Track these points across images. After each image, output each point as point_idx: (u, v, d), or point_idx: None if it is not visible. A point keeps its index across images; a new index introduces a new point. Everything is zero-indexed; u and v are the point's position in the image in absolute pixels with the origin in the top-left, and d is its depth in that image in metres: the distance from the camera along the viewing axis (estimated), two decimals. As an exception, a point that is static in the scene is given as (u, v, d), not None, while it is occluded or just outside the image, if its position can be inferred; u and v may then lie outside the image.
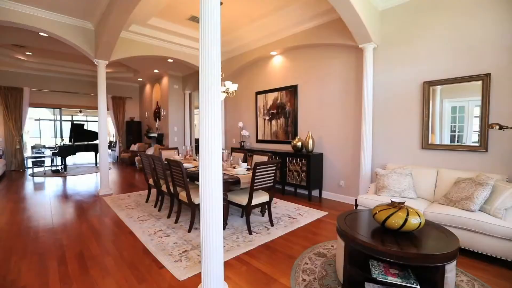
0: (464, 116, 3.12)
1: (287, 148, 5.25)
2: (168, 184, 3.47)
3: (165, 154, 4.70)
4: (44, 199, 4.64)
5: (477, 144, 3.00)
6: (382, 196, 3.06)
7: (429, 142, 3.38)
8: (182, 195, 3.19)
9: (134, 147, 9.23)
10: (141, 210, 3.88)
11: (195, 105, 8.82)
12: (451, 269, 1.68)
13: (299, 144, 4.67)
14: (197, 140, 9.31)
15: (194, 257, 2.44)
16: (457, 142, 3.17)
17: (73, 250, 2.63)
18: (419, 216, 1.77)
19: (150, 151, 7.64)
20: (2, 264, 2.35)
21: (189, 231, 3.04)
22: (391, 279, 1.63)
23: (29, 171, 7.68)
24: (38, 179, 6.52)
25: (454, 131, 3.20)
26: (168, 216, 3.54)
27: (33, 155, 8.45)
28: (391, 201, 1.90)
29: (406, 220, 1.73)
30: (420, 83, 3.42)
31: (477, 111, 3.00)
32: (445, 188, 2.95)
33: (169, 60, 6.23)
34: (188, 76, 8.30)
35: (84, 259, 2.45)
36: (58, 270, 2.25)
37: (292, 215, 3.67)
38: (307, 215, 3.70)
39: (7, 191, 5.23)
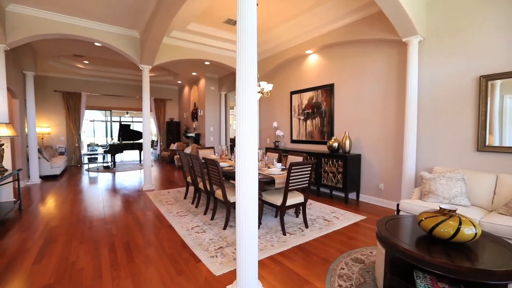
0: (532, 114, 2.72)
1: (322, 148, 5.11)
2: (205, 182, 3.61)
3: (202, 153, 4.90)
4: (97, 192, 5.16)
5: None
6: (429, 202, 2.81)
7: (486, 143, 3.01)
8: (218, 193, 3.30)
9: (173, 146, 9.78)
10: (180, 206, 4.10)
11: (231, 106, 9.04)
12: (514, 288, 1.48)
13: (335, 144, 4.52)
14: (232, 140, 9.54)
15: (229, 254, 2.51)
16: (522, 144, 2.78)
17: (121, 239, 2.88)
18: (474, 226, 1.59)
19: (188, 150, 8.03)
20: (65, 247, 2.68)
21: (224, 228, 3.13)
22: (439, 293, 1.50)
23: (85, 166, 8.62)
24: (92, 174, 7.27)
25: (519, 132, 2.81)
26: (205, 213, 3.68)
27: (88, 153, 9.47)
28: (440, 207, 1.74)
29: (458, 229, 1.57)
30: (475, 77, 3.07)
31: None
32: (506, 196, 2.60)
33: (206, 63, 6.48)
34: (224, 78, 8.54)
35: (130, 248, 2.67)
36: (108, 257, 2.49)
37: (328, 218, 3.56)
38: (343, 218, 3.56)
39: (68, 184, 5.93)
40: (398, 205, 3.00)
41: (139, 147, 8.92)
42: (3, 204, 3.77)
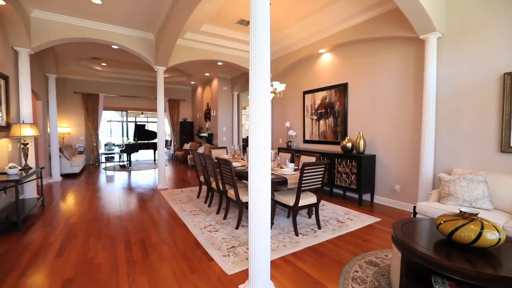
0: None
1: (335, 149, 5.04)
2: (217, 182, 3.64)
3: (215, 153, 4.95)
4: (114, 190, 5.32)
5: None
6: (448, 205, 2.71)
7: (511, 144, 2.87)
8: (231, 193, 3.32)
9: (186, 146, 9.94)
10: (193, 205, 4.16)
11: (243, 106, 9.07)
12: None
13: (349, 145, 4.44)
14: (244, 140, 9.58)
15: (241, 253, 2.52)
16: (551, 144, 2.62)
17: (136, 237, 2.96)
18: (498, 231, 1.51)
19: (201, 150, 8.14)
20: (84, 243, 2.78)
21: (237, 228, 3.15)
22: (459, 300, 1.44)
23: (103, 165, 8.92)
24: (109, 172, 7.51)
25: (547, 132, 2.65)
26: (217, 212, 3.72)
27: (105, 152, 9.78)
28: (460, 211, 1.67)
29: (480, 234, 1.50)
30: (499, 75, 2.93)
31: None
32: (532, 199, 2.47)
33: (219, 63, 6.54)
34: (236, 78, 8.59)
35: (145, 245, 2.74)
36: (125, 253, 2.56)
37: (341, 219, 3.51)
38: (357, 220, 3.49)
39: (87, 182, 6.15)
40: (414, 207, 2.91)
41: (154, 146, 9.12)
42: (28, 200, 3.97)
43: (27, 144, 3.95)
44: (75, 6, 4.07)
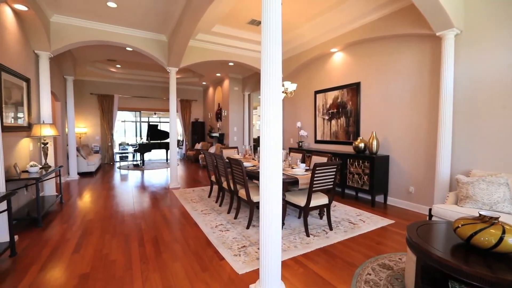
0: None
1: (347, 149, 4.97)
2: (228, 181, 3.67)
3: (226, 153, 4.99)
4: (128, 188, 5.45)
5: None
6: (466, 208, 2.62)
7: (535, 145, 2.73)
8: (242, 193, 3.33)
9: (198, 146, 10.06)
10: (204, 204, 4.20)
11: (254, 106, 9.09)
12: None
13: (362, 145, 4.36)
14: (255, 140, 9.59)
15: (252, 253, 2.53)
16: None
17: (149, 234, 3.02)
18: (520, 235, 1.45)
19: (212, 150, 8.21)
20: (100, 240, 2.87)
21: (248, 227, 3.16)
22: (478, 306, 1.39)
23: (117, 164, 9.16)
24: (123, 171, 7.71)
25: None
26: (228, 212, 3.74)
27: (119, 151, 10.04)
28: (480, 214, 1.61)
29: (501, 239, 1.44)
30: (522, 72, 2.80)
31: None
32: (558, 203, 2.34)
33: (230, 64, 6.58)
34: (247, 78, 8.61)
35: (158, 243, 2.79)
36: (138, 250, 2.62)
37: (353, 220, 3.45)
38: (370, 221, 3.42)
39: (102, 180, 6.34)
40: (430, 210, 2.83)
41: (166, 146, 9.28)
42: (47, 197, 4.13)
43: (47, 143, 4.11)
44: (92, 10, 4.20)
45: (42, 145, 4.06)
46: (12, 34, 3.47)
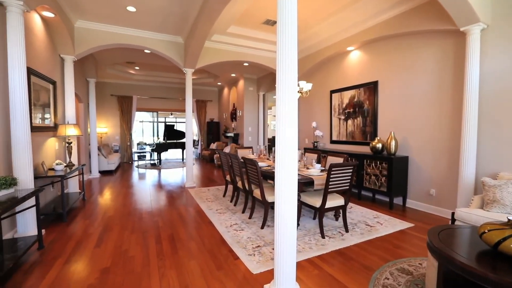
0: None
1: (364, 149, 4.85)
2: (243, 181, 3.69)
3: (241, 152, 5.01)
4: (145, 187, 5.62)
5: None
6: (493, 212, 2.48)
7: None
8: (256, 193, 3.34)
9: (213, 146, 10.18)
10: (219, 204, 4.25)
11: (269, 106, 9.07)
12: None
13: (379, 145, 4.24)
14: (270, 140, 9.57)
15: (266, 253, 2.53)
16: None
17: (166, 232, 3.09)
18: (554, 243, 1.35)
19: (227, 150, 8.29)
20: (119, 236, 2.97)
21: (262, 227, 3.16)
22: (506, 317, 1.31)
23: (135, 163, 9.45)
24: (141, 170, 7.94)
25: None
26: (243, 211, 3.76)
27: (137, 151, 10.36)
28: (509, 219, 1.52)
29: (531, 245, 1.35)
30: (557, 69, 2.61)
31: None
32: None
33: (245, 64, 6.61)
34: (262, 78, 8.62)
35: (174, 241, 2.85)
36: (155, 247, 2.69)
37: (370, 223, 3.36)
38: (388, 224, 3.32)
39: (121, 178, 6.57)
40: (453, 213, 2.70)
41: (182, 146, 9.47)
42: (71, 194, 4.33)
43: (71, 143, 4.31)
44: (113, 15, 4.36)
45: (67, 144, 4.27)
46: (40, 40, 3.68)
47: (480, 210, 2.57)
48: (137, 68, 8.38)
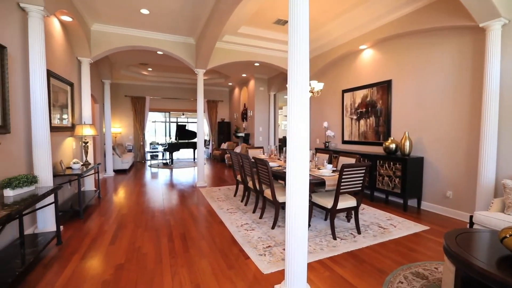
0: None
1: (377, 150, 4.75)
2: (254, 181, 3.69)
3: (252, 152, 5.02)
4: (158, 186, 5.72)
5: None
6: (514, 216, 2.37)
7: None
8: (267, 193, 3.34)
9: (224, 146, 10.25)
10: (230, 203, 4.27)
11: (279, 106, 9.04)
12: None
13: (393, 146, 4.14)
14: (281, 140, 9.55)
15: (277, 254, 2.52)
16: None
17: (178, 231, 3.14)
18: None
19: (237, 150, 8.32)
20: (133, 233, 3.05)
21: (273, 227, 3.15)
22: (529, 326, 1.25)
23: (148, 163, 9.65)
24: (154, 169, 8.10)
25: None
26: (254, 211, 3.77)
27: (150, 150, 10.56)
28: (531, 223, 1.45)
29: (557, 251, 1.29)
30: None
31: None
32: None
33: (256, 64, 6.62)
34: (272, 78, 8.60)
35: (185, 239, 2.89)
36: (167, 245, 2.74)
37: (383, 225, 3.29)
38: (402, 227, 3.24)
39: (135, 177, 6.72)
40: (471, 217, 2.61)
41: (193, 146, 9.59)
42: (87, 192, 4.47)
43: (87, 142, 4.45)
44: (127, 18, 4.47)
45: (83, 144, 4.41)
46: (59, 43, 3.82)
47: (501, 214, 2.46)
48: (150, 69, 8.55)
